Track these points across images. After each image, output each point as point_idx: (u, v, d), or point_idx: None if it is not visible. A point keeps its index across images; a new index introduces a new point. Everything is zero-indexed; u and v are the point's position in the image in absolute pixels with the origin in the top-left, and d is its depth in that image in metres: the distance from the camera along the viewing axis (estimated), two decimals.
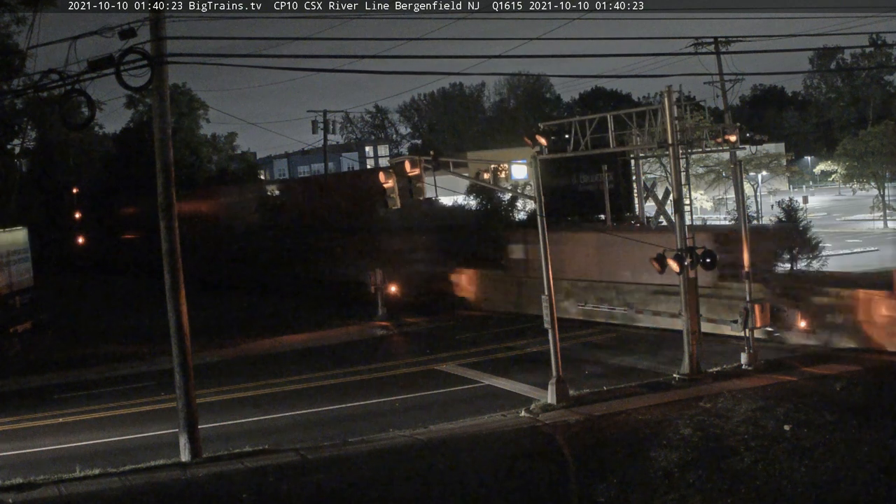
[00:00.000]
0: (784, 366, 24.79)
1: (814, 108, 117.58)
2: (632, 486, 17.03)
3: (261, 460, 18.96)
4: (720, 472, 17.38)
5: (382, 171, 24.46)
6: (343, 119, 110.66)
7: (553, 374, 22.67)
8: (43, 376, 30.94)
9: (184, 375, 19.82)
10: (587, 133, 27.79)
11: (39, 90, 20.83)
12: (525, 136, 26.97)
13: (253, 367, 30.99)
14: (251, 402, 25.58)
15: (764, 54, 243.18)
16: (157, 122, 19.90)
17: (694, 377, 24.08)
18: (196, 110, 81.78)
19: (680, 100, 27.05)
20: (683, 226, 24.81)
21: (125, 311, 46.29)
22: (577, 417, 21.20)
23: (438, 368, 28.49)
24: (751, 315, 25.02)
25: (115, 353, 34.33)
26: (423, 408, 23.74)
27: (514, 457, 18.93)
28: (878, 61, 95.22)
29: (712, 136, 28.29)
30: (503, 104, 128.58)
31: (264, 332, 37.36)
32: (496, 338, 33.02)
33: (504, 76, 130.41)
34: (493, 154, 78.59)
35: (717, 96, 52.10)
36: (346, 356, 31.73)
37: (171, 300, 19.91)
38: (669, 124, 25.41)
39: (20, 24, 43.96)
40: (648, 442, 19.09)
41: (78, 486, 17.83)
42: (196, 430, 19.74)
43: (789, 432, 19.02)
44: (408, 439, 20.23)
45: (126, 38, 18.15)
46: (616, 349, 29.69)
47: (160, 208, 19.87)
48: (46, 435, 22.95)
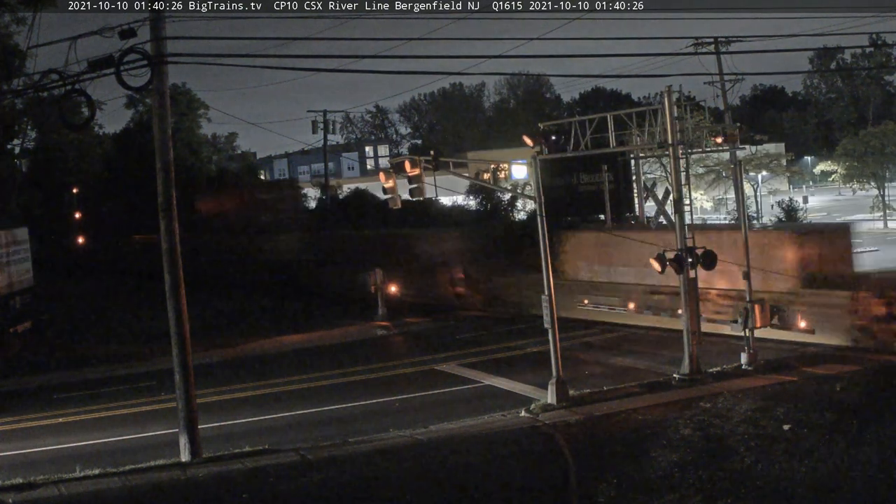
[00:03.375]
0: (784, 366, 24.77)
1: (814, 108, 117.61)
2: (632, 486, 17.04)
3: (261, 460, 18.95)
4: (720, 472, 17.38)
5: (383, 172, 24.49)
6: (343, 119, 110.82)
7: (553, 374, 22.66)
8: (43, 376, 30.93)
9: (184, 375, 19.82)
10: (587, 133, 27.78)
11: (39, 90, 20.89)
12: (525, 136, 26.98)
13: (253, 367, 30.99)
14: (251, 402, 25.57)
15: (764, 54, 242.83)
16: (157, 122, 19.90)
17: (694, 377, 24.06)
18: (196, 110, 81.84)
19: (680, 100, 27.05)
20: (683, 226, 24.80)
21: (125, 311, 46.26)
22: (577, 417, 21.20)
23: (438, 368, 28.48)
24: (751, 315, 25.02)
25: (115, 353, 34.34)
26: (423, 408, 23.73)
27: (514, 457, 18.93)
28: (878, 61, 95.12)
29: (712, 136, 28.31)
30: (503, 104, 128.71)
31: (264, 332, 37.37)
32: (496, 338, 33.02)
33: (504, 76, 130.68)
34: (493, 154, 78.76)
35: (717, 96, 52.16)
36: (346, 356, 31.72)
37: (171, 300, 19.90)
38: (669, 124, 25.40)
39: (20, 24, 43.93)
40: (648, 442, 19.09)
41: (78, 486, 17.82)
42: (196, 430, 19.73)
43: (789, 432, 19.02)
44: (408, 439, 20.22)
45: (126, 38, 18.15)
46: (616, 349, 29.69)
47: (160, 208, 19.86)
48: (46, 435, 22.94)
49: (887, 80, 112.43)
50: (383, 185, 24.14)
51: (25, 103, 52.13)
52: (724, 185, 59.64)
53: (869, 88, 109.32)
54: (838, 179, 74.82)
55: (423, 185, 23.35)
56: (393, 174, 23.39)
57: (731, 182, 49.13)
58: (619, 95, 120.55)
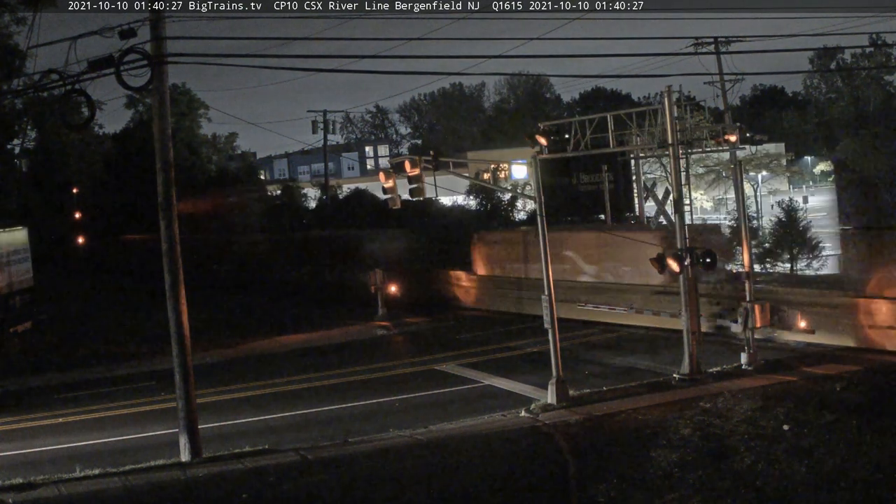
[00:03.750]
0: (784, 366, 24.78)
1: (814, 108, 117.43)
2: (632, 486, 17.01)
3: (261, 460, 18.95)
4: (720, 472, 17.36)
5: (383, 172, 24.49)
6: (343, 119, 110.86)
7: (553, 374, 22.67)
8: (43, 376, 30.90)
9: (184, 375, 19.82)
10: (587, 133, 27.81)
11: (39, 90, 20.89)
12: (525, 135, 26.99)
13: (253, 367, 30.99)
14: (251, 402, 25.57)
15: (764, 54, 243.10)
16: (157, 122, 19.90)
17: (694, 377, 24.08)
18: (196, 110, 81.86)
19: (680, 100, 27.09)
20: (683, 226, 24.80)
21: (125, 311, 46.26)
22: (577, 417, 21.20)
23: (438, 368, 28.48)
24: (751, 315, 25.02)
25: (115, 353, 34.31)
26: (423, 408, 23.73)
27: (514, 457, 18.93)
28: (879, 61, 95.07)
29: (712, 136, 28.33)
30: (503, 104, 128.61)
31: (264, 332, 37.36)
32: (496, 338, 33.01)
33: (504, 76, 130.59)
34: (493, 154, 78.75)
35: (717, 96, 52.06)
36: (346, 356, 31.72)
37: (170, 300, 19.90)
38: (669, 124, 25.41)
39: (20, 24, 43.98)
40: (648, 442, 19.08)
41: (78, 486, 17.82)
42: (196, 430, 19.74)
43: (789, 432, 19.01)
44: (408, 439, 20.23)
45: (126, 38, 18.17)
46: (616, 349, 29.68)
47: (160, 208, 19.86)
48: (46, 435, 22.94)
49: (887, 80, 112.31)
50: (383, 185, 24.16)
51: (25, 103, 52.16)
52: (724, 185, 59.59)
53: (869, 88, 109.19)
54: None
55: (423, 185, 23.36)
56: (393, 174, 23.40)
57: (731, 182, 49.09)
58: (619, 95, 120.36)
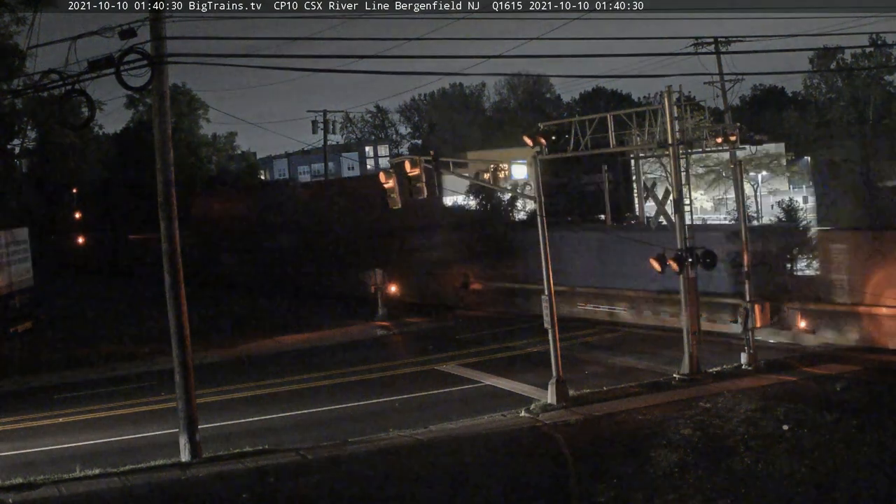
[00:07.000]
0: (784, 366, 24.80)
1: (814, 108, 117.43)
2: (632, 486, 17.01)
3: (261, 460, 18.95)
4: (720, 472, 17.37)
5: (383, 172, 24.48)
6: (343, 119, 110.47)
7: (553, 374, 22.67)
8: (43, 376, 30.92)
9: (184, 375, 19.82)
10: (587, 133, 27.79)
11: (39, 90, 20.86)
12: (525, 136, 26.96)
13: (253, 367, 30.99)
14: (251, 402, 25.57)
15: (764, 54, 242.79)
16: (157, 122, 19.90)
17: (694, 377, 24.09)
18: (196, 110, 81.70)
19: (680, 100, 27.07)
20: (683, 226, 24.80)
21: (125, 311, 46.24)
22: (577, 417, 21.21)
23: (438, 368, 28.49)
24: (751, 315, 25.02)
25: (115, 353, 34.31)
26: (424, 408, 23.74)
27: (515, 457, 18.94)
28: (879, 61, 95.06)
29: (712, 136, 28.33)
30: (503, 104, 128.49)
31: (264, 332, 37.36)
32: (496, 338, 33.01)
33: (504, 76, 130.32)
34: (493, 154, 78.59)
35: (717, 96, 51.99)
36: (346, 356, 31.73)
37: (171, 300, 19.90)
38: (669, 124, 25.41)
39: (20, 24, 43.90)
40: (648, 442, 19.09)
41: (78, 486, 17.82)
42: (196, 430, 19.74)
43: (789, 432, 19.02)
44: (408, 439, 20.23)
45: (126, 38, 18.14)
46: (616, 349, 29.69)
47: (160, 208, 19.86)
48: (46, 435, 22.94)
49: (887, 80, 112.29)
50: (383, 185, 24.12)
51: (25, 103, 52.11)
52: (725, 185, 59.56)
53: (869, 88, 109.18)
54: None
55: (423, 184, 23.34)
56: (393, 174, 23.38)
57: (731, 182, 49.07)
58: (620, 95, 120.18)
